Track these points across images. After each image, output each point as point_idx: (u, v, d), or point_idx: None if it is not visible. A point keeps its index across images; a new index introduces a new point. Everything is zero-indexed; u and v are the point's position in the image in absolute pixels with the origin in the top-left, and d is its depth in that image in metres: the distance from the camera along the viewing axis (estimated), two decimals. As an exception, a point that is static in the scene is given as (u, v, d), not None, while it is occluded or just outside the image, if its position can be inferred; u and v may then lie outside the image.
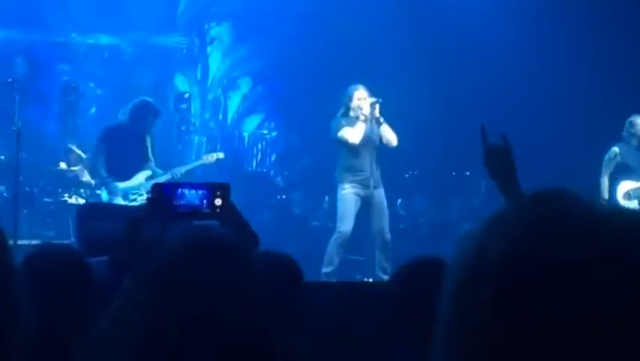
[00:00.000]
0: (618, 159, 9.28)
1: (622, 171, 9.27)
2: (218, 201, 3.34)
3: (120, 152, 9.25)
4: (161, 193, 3.35)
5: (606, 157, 9.31)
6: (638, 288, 0.87)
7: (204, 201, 3.35)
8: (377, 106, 8.78)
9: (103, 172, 9.33)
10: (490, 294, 0.90)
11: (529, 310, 0.88)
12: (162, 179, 9.31)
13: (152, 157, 9.45)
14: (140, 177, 9.32)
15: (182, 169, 9.64)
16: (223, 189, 3.37)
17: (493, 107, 11.53)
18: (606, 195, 9.21)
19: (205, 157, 10.12)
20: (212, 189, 3.38)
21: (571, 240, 0.90)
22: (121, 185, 9.23)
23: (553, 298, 0.87)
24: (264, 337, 1.68)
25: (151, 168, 9.43)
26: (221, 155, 10.35)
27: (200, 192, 3.37)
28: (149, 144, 9.44)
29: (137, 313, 1.69)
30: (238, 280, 1.70)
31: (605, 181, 9.25)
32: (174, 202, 3.34)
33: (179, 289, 1.67)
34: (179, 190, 3.37)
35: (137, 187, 9.26)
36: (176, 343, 1.62)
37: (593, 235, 0.90)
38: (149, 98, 9.79)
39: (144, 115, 9.43)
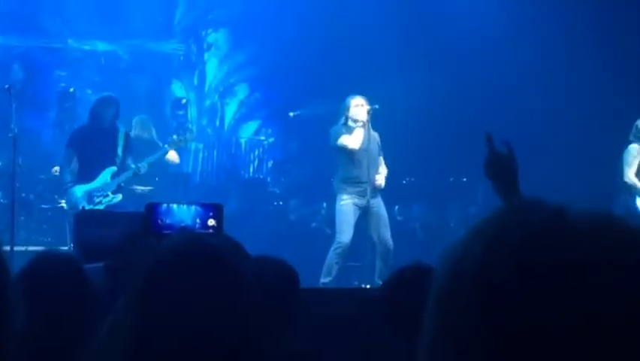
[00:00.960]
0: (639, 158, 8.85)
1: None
2: (211, 222, 3.41)
3: (89, 154, 9.24)
4: (155, 212, 3.42)
5: (628, 156, 8.81)
6: (611, 291, 0.90)
7: (197, 221, 3.42)
8: (371, 112, 8.82)
9: (66, 177, 9.33)
10: (470, 300, 0.93)
11: (507, 315, 0.90)
12: (130, 173, 9.29)
13: (120, 153, 9.35)
14: (106, 176, 9.27)
15: (146, 162, 9.46)
16: (216, 210, 3.44)
17: (491, 112, 11.54)
18: None
19: (170, 145, 9.89)
20: (205, 209, 3.44)
21: (543, 245, 0.93)
22: (84, 187, 9.16)
23: (529, 303, 0.90)
24: (254, 341, 1.69)
25: (119, 165, 9.32)
26: (189, 137, 10.28)
27: (193, 211, 3.43)
28: (120, 140, 9.39)
29: (129, 318, 1.70)
30: (227, 286, 1.72)
31: (634, 178, 8.74)
32: (168, 221, 3.40)
33: (168, 294, 1.69)
34: (173, 210, 3.43)
35: (102, 187, 9.21)
36: (165, 348, 1.64)
37: (564, 240, 0.93)
38: (107, 93, 9.80)
39: (103, 109, 9.42)
